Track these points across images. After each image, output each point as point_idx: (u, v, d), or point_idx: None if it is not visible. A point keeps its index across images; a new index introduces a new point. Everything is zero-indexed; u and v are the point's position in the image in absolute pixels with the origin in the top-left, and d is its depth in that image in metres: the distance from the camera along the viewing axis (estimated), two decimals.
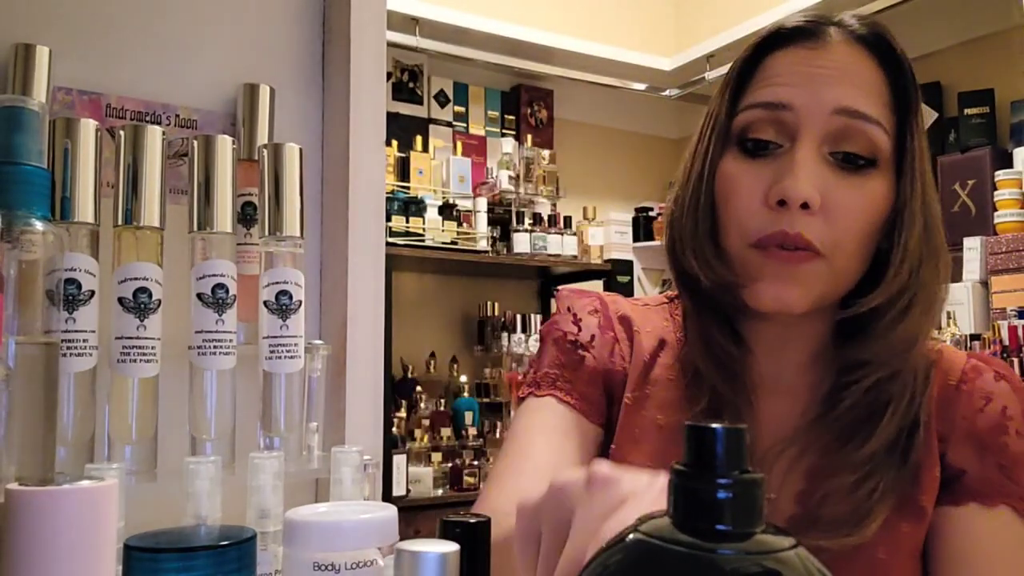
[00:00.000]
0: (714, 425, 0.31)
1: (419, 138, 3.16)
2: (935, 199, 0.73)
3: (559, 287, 0.87)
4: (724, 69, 0.79)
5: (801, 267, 0.69)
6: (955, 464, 0.73)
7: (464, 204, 3.09)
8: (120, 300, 0.73)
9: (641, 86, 3.61)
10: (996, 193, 2.60)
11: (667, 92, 3.65)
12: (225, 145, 0.79)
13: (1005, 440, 0.72)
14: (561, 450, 0.75)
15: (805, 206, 0.67)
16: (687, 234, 0.74)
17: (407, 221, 2.89)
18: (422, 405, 3.03)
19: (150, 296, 0.74)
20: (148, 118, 0.90)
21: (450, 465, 2.90)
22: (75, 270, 0.71)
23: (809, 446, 0.73)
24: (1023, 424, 0.74)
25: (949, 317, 2.52)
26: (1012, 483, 0.72)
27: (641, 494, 0.42)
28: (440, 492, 2.84)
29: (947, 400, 0.75)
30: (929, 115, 3.02)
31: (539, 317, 3.37)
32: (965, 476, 0.73)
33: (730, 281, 0.71)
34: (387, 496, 2.51)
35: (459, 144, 3.29)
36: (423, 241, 2.93)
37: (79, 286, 0.71)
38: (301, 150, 0.83)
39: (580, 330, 0.82)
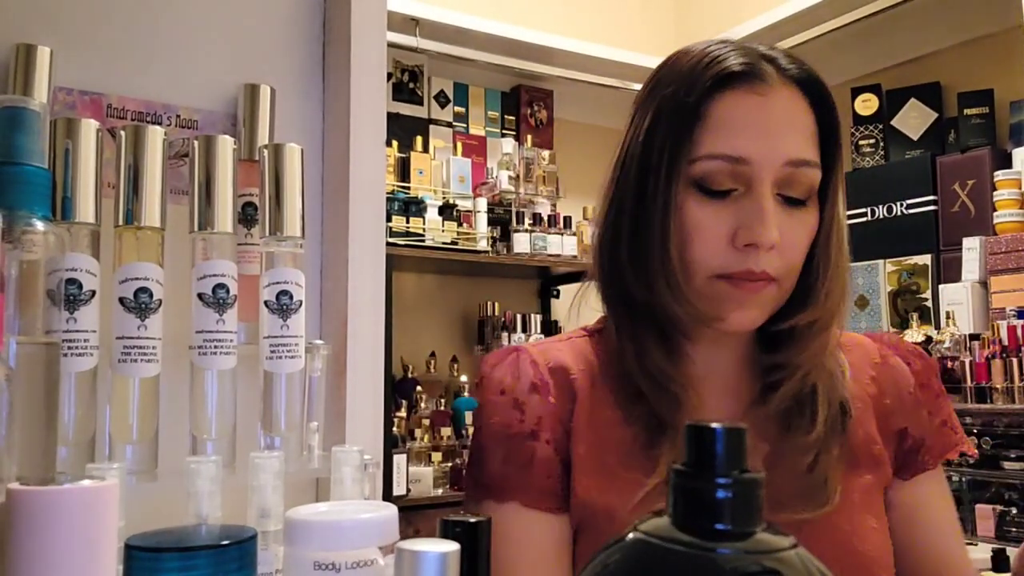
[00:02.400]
0: (714, 425, 0.32)
1: (419, 138, 3.16)
2: (845, 220, 0.82)
3: (485, 356, 0.85)
4: None
5: (761, 294, 0.77)
6: (915, 434, 0.85)
7: (464, 204, 3.09)
8: (121, 300, 0.73)
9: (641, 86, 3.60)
10: (995, 193, 2.60)
11: None
12: (226, 145, 0.79)
13: (941, 400, 0.87)
14: (548, 570, 0.78)
15: (771, 247, 0.75)
16: (654, 265, 0.77)
17: (407, 221, 2.89)
18: (422, 405, 3.03)
19: (151, 296, 0.74)
20: (149, 118, 0.90)
21: (450, 465, 2.90)
22: (76, 270, 0.71)
23: (758, 437, 0.79)
24: (938, 379, 0.89)
25: (948, 317, 2.52)
26: (954, 432, 0.87)
27: None
28: (440, 492, 2.84)
29: (881, 378, 0.86)
30: (927, 116, 3.02)
31: (539, 317, 3.38)
32: (927, 443, 0.85)
33: (702, 312, 0.77)
34: (387, 496, 2.51)
35: (459, 144, 3.29)
36: (423, 241, 2.93)
37: (80, 286, 0.71)
38: (302, 150, 0.83)
39: (524, 416, 0.79)
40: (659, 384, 0.79)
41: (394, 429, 2.79)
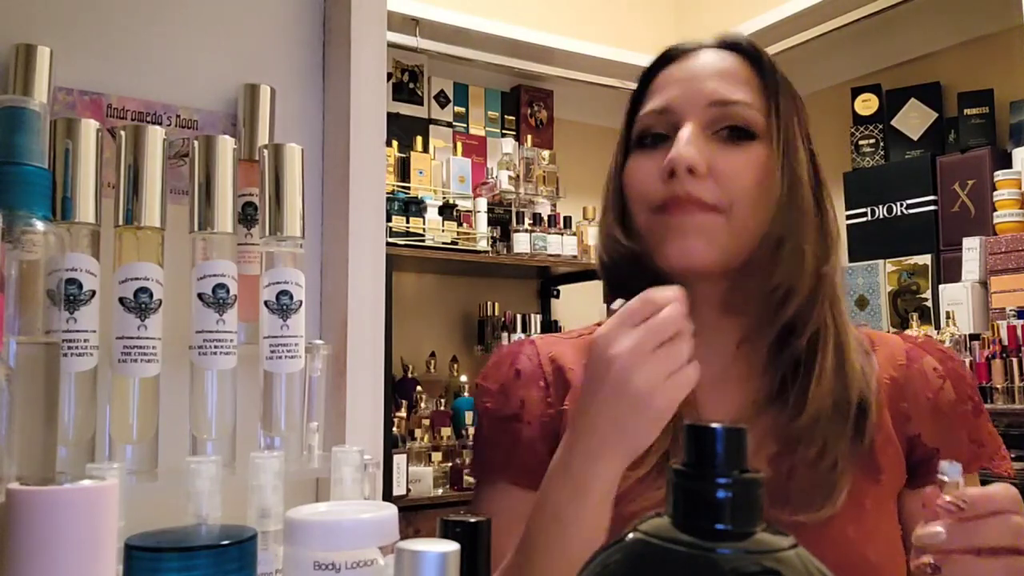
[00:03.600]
0: (714, 425, 0.32)
1: (419, 138, 3.16)
2: (805, 171, 0.81)
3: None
4: None
5: (697, 218, 0.77)
6: (929, 443, 0.81)
7: (464, 204, 3.09)
8: (121, 300, 0.73)
9: None
10: (995, 193, 2.60)
11: None
12: (226, 145, 0.79)
13: (966, 409, 0.82)
14: None
15: (691, 171, 0.76)
16: (610, 227, 0.84)
17: (407, 221, 2.89)
18: (422, 405, 3.03)
19: (151, 296, 0.74)
20: (149, 118, 0.90)
21: (450, 465, 2.90)
22: (76, 270, 0.71)
23: (767, 430, 0.78)
24: (975, 391, 0.84)
25: (948, 317, 2.52)
26: (981, 447, 0.81)
27: None
28: (440, 492, 2.84)
29: (902, 381, 0.83)
30: (927, 116, 3.02)
31: (539, 317, 3.38)
32: (940, 453, 0.79)
33: (637, 249, 0.81)
34: (387, 495, 2.51)
35: (459, 144, 3.29)
36: (423, 241, 2.93)
37: (80, 286, 0.71)
38: (302, 150, 0.83)
39: (508, 400, 0.86)
40: None
41: (394, 429, 2.79)
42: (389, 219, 2.81)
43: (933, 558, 0.61)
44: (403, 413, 2.92)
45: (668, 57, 0.86)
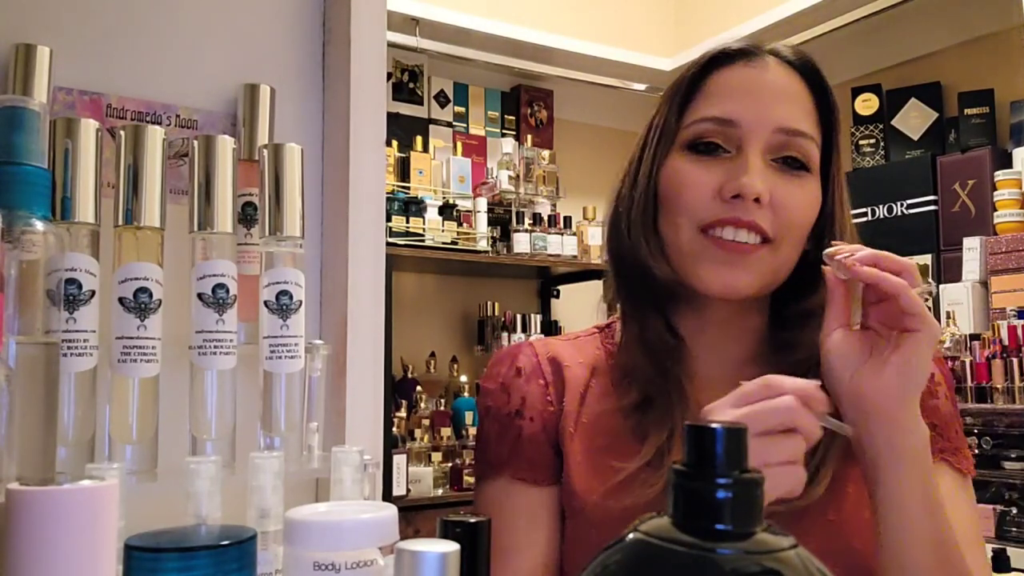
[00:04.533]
0: (714, 425, 0.32)
1: (419, 138, 3.16)
2: (848, 205, 0.85)
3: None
4: None
5: (749, 257, 0.77)
6: None
7: (464, 204, 3.09)
8: (120, 300, 0.73)
9: (641, 86, 3.60)
10: (996, 193, 2.60)
11: None
12: (225, 145, 0.79)
13: (935, 403, 0.82)
14: (532, 538, 0.82)
15: (758, 200, 0.75)
16: (636, 226, 0.82)
17: (407, 221, 2.89)
18: (422, 405, 3.03)
19: (150, 296, 0.74)
20: (148, 118, 0.90)
21: (450, 465, 2.90)
22: (75, 270, 0.71)
23: None
24: (948, 390, 0.84)
25: (949, 317, 2.52)
26: (944, 440, 0.81)
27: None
28: (440, 492, 2.84)
29: None
30: (928, 116, 3.02)
31: (539, 317, 3.38)
32: None
33: (676, 270, 0.80)
34: (387, 496, 2.51)
35: (459, 144, 3.29)
36: (423, 241, 2.93)
37: (79, 286, 0.71)
38: (302, 150, 0.83)
39: (509, 398, 0.87)
40: (655, 359, 0.81)
41: (394, 429, 2.79)
42: (389, 219, 2.81)
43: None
44: (403, 413, 2.92)
45: (726, 56, 0.82)
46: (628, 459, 0.78)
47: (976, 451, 2.22)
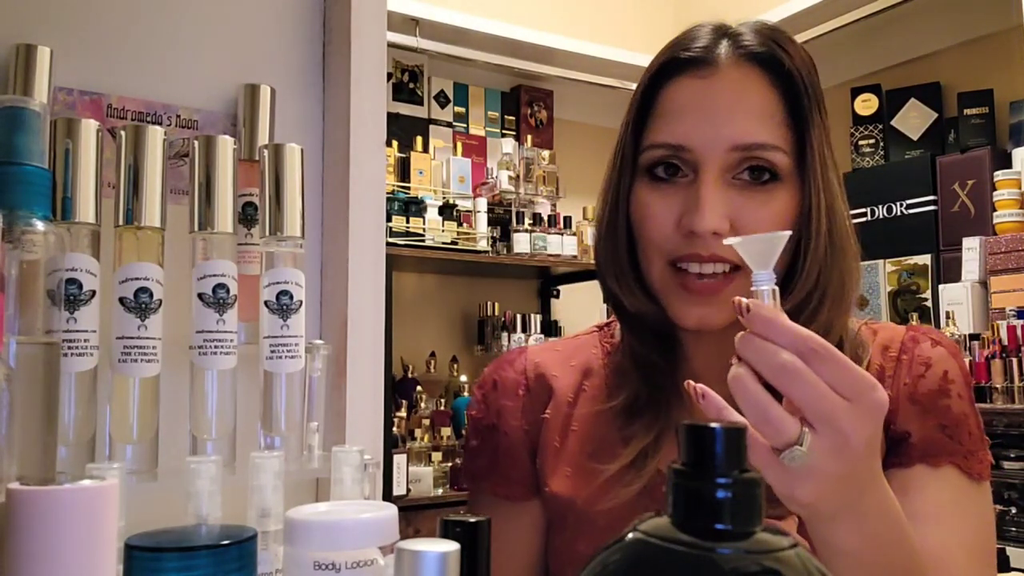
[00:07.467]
0: (713, 425, 0.32)
1: (419, 138, 3.16)
2: (840, 201, 0.78)
3: None
4: None
5: (719, 295, 0.73)
6: (900, 428, 0.77)
7: (464, 204, 3.10)
8: (121, 300, 0.73)
9: None
10: (995, 193, 2.60)
11: None
12: (226, 145, 0.79)
13: (947, 403, 0.77)
14: (515, 557, 0.84)
15: (716, 234, 0.72)
16: (608, 258, 0.80)
17: (407, 221, 2.89)
18: (422, 405, 3.03)
19: (151, 296, 0.74)
20: (149, 118, 0.90)
21: (450, 465, 2.90)
22: (76, 270, 0.71)
23: None
24: (963, 387, 0.79)
25: (948, 317, 2.52)
26: (955, 442, 0.76)
27: None
28: (440, 492, 2.84)
29: (889, 370, 0.80)
30: (927, 116, 3.02)
31: (539, 317, 3.38)
32: (911, 439, 0.77)
33: (651, 306, 0.78)
34: (387, 495, 2.51)
35: (459, 144, 3.29)
36: (423, 241, 2.93)
37: (80, 286, 0.71)
38: (302, 150, 0.83)
39: (487, 410, 0.88)
40: (647, 373, 0.81)
41: (394, 429, 2.79)
42: (389, 219, 2.81)
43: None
44: (403, 413, 2.92)
45: (676, 65, 0.77)
46: (612, 462, 0.78)
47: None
